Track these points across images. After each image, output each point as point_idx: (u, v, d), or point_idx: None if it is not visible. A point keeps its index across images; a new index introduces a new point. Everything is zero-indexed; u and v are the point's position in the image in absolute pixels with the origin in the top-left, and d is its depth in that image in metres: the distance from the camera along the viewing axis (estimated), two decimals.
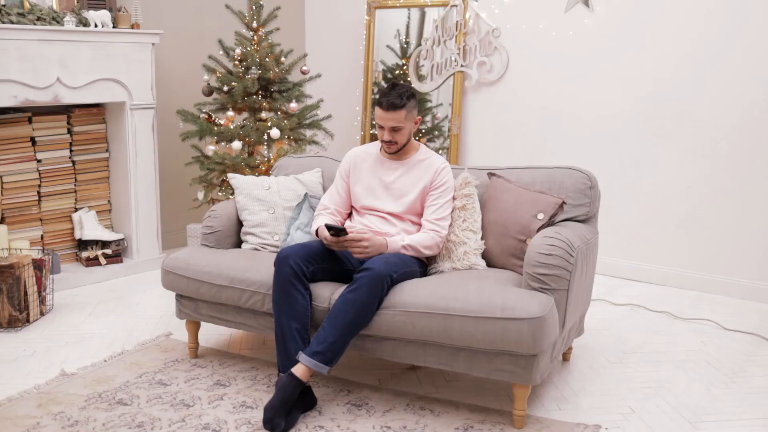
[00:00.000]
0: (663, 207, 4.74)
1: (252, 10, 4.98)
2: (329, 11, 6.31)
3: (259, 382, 3.26)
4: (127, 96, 4.82)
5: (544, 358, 2.84)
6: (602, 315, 4.19)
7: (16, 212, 4.61)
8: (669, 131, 4.67)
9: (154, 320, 4.07)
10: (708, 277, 4.59)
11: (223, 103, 4.99)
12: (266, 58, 4.91)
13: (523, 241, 3.13)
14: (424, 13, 5.70)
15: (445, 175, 3.30)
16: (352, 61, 6.13)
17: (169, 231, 5.46)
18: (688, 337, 3.88)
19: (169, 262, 3.46)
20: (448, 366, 2.92)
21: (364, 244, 3.08)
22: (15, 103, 4.32)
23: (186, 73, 5.48)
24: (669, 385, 3.29)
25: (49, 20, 4.44)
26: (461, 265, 3.22)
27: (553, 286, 2.85)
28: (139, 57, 4.83)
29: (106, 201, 5.07)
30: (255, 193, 3.65)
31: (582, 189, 3.30)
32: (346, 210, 3.47)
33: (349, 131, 6.09)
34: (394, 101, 3.17)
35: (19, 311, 3.90)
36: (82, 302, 4.36)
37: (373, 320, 2.94)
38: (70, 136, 4.83)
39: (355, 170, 3.44)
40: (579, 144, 5.05)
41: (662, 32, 4.64)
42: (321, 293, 3.06)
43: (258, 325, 3.30)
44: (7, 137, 4.51)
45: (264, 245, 3.58)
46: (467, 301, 2.81)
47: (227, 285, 3.27)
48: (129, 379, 3.27)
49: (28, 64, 4.31)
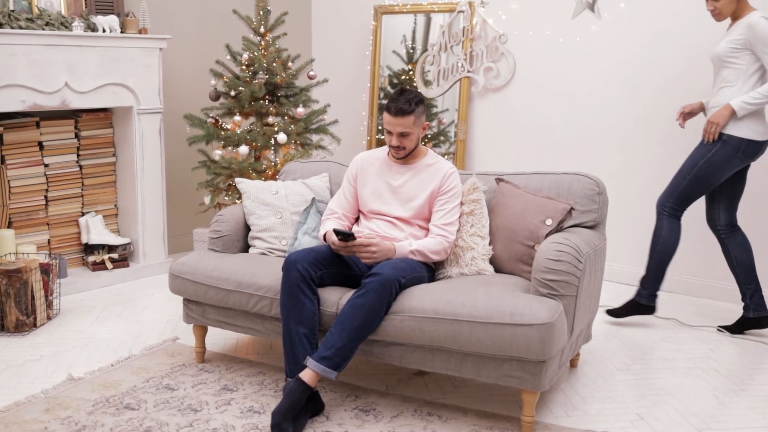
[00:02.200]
0: None
1: (259, 15, 4.99)
2: (336, 16, 6.32)
3: (267, 387, 3.25)
4: (134, 101, 4.83)
5: (552, 365, 2.84)
6: (609, 321, 4.18)
7: (23, 216, 4.61)
8: (676, 137, 4.66)
9: (161, 325, 4.07)
10: (715, 284, 4.57)
11: (230, 108, 4.99)
12: (273, 63, 4.92)
13: (531, 246, 3.13)
14: (430, 19, 5.71)
15: (453, 180, 3.30)
16: (359, 66, 6.14)
17: (175, 235, 5.47)
18: (696, 344, 3.87)
19: (176, 267, 3.46)
20: (456, 372, 2.91)
21: (372, 249, 3.07)
22: (23, 107, 4.33)
23: (193, 77, 5.49)
24: (677, 392, 3.28)
25: (58, 25, 4.45)
26: (469, 270, 3.22)
27: (562, 292, 2.84)
28: (147, 62, 4.84)
29: (113, 205, 5.07)
30: (262, 198, 3.65)
31: (590, 195, 3.29)
32: (354, 214, 3.47)
33: (355, 136, 6.10)
34: (402, 107, 3.18)
35: (27, 315, 3.90)
36: (88, 306, 4.37)
37: (381, 325, 2.93)
38: (77, 141, 4.84)
39: (362, 174, 3.44)
40: (586, 150, 5.05)
41: (669, 38, 4.64)
42: (329, 298, 3.06)
43: (265, 330, 3.29)
44: (15, 142, 4.52)
45: (271, 250, 3.58)
46: (475, 307, 2.81)
47: (235, 289, 3.27)
48: (136, 384, 3.27)
49: (36, 69, 4.32)
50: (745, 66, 3.76)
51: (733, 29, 3.83)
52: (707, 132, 3.82)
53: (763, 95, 3.68)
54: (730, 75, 3.81)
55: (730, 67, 3.80)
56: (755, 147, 3.81)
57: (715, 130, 3.79)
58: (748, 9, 3.79)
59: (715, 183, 3.90)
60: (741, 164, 3.87)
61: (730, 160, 3.82)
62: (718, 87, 3.88)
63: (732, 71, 3.80)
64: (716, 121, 3.78)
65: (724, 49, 3.80)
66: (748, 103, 3.70)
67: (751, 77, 3.77)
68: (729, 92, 3.81)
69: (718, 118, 3.77)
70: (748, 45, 3.72)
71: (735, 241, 4.03)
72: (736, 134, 3.77)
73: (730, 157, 3.81)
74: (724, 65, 3.83)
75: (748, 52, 3.74)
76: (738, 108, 3.71)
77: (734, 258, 4.04)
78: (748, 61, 3.75)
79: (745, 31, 3.72)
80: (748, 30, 3.71)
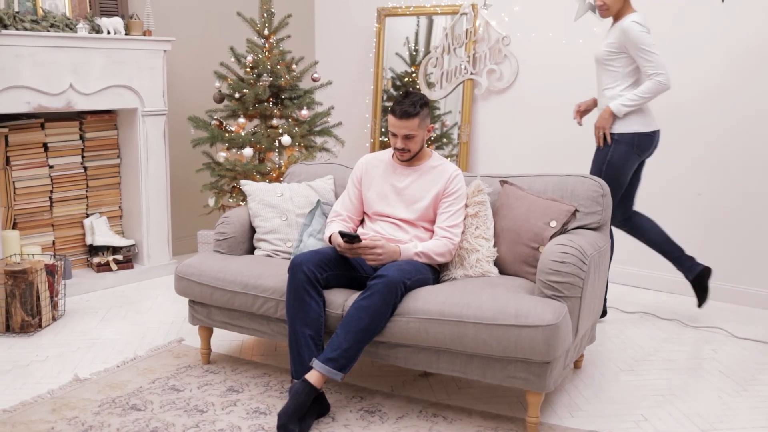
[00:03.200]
0: (673, 215, 4.74)
1: (263, 17, 5.01)
2: (339, 19, 6.34)
3: (272, 388, 3.27)
4: (138, 102, 4.84)
5: (557, 366, 2.85)
6: (613, 323, 4.19)
7: (28, 218, 4.63)
8: (679, 139, 4.68)
9: (166, 326, 4.09)
10: (718, 285, 4.58)
11: (234, 110, 5.01)
12: (277, 66, 4.94)
13: (535, 248, 3.14)
14: (433, 21, 5.73)
15: (458, 182, 3.32)
16: (362, 69, 6.15)
17: (179, 237, 5.48)
18: (699, 345, 3.88)
19: (182, 268, 3.48)
20: (461, 373, 2.92)
21: (377, 251, 3.09)
22: (28, 109, 4.35)
23: (197, 79, 5.51)
24: (680, 393, 3.30)
25: (63, 27, 4.47)
26: (474, 272, 3.23)
27: (566, 294, 2.86)
28: (151, 64, 4.86)
29: (117, 207, 5.09)
30: (268, 200, 3.66)
31: (594, 197, 3.31)
32: (359, 217, 3.49)
33: (359, 138, 6.11)
34: (407, 109, 3.19)
35: (32, 316, 3.92)
36: (93, 308, 4.38)
37: (386, 327, 2.95)
38: (82, 142, 4.86)
39: (367, 176, 3.45)
40: (589, 152, 5.05)
41: (671, 39, 4.65)
42: (334, 300, 3.07)
43: (271, 332, 3.31)
44: (20, 143, 4.54)
45: (277, 252, 3.59)
46: (480, 308, 2.82)
47: (240, 291, 3.28)
48: (142, 385, 3.28)
49: (41, 71, 4.34)
50: (621, 68, 3.92)
51: (610, 32, 3.96)
52: (596, 137, 3.98)
53: (639, 97, 3.84)
54: (608, 78, 3.97)
55: (609, 69, 3.95)
56: (648, 139, 3.96)
57: (602, 134, 3.94)
58: (629, 9, 3.92)
59: (624, 181, 4.02)
60: (639, 158, 4.01)
61: (628, 156, 3.95)
62: (601, 89, 4.04)
63: (611, 74, 3.95)
64: (600, 126, 3.95)
65: (602, 53, 3.95)
66: (625, 105, 3.86)
67: (629, 78, 3.93)
68: (610, 94, 3.96)
69: (601, 122, 3.94)
70: (623, 48, 3.86)
71: (639, 225, 4.20)
72: (627, 131, 3.92)
73: (627, 154, 3.95)
74: (603, 68, 3.98)
75: (624, 55, 3.89)
76: (617, 110, 3.87)
77: (649, 239, 4.20)
78: (624, 63, 3.90)
79: (619, 34, 3.87)
80: (621, 34, 3.85)
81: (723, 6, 4.44)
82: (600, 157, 4.01)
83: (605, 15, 3.96)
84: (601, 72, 4.01)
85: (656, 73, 3.81)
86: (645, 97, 3.84)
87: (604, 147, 3.97)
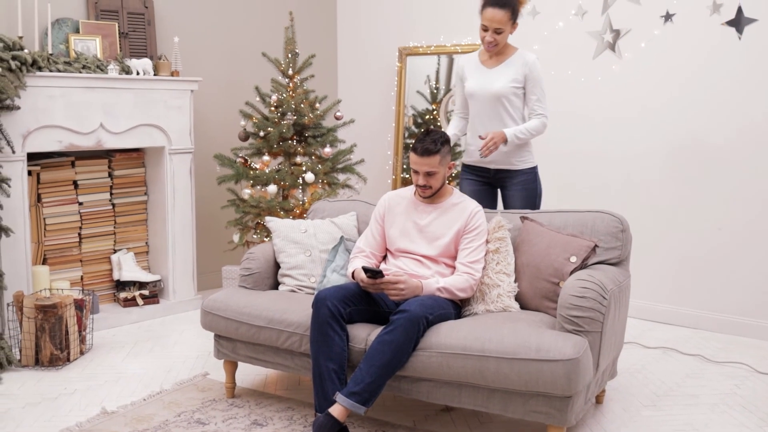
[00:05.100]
0: (694, 250, 4.76)
1: (288, 57, 5.12)
2: (361, 58, 6.45)
3: (296, 422, 3.31)
4: (166, 141, 4.96)
5: (578, 400, 2.87)
6: (635, 358, 4.19)
7: (57, 253, 4.74)
8: (698, 174, 4.71)
9: (191, 360, 4.15)
10: (740, 320, 4.58)
11: (258, 148, 5.10)
12: (301, 104, 5.04)
13: (556, 283, 3.18)
14: (453, 60, 5.82)
15: (479, 219, 3.37)
16: (384, 107, 6.25)
17: (204, 272, 5.56)
18: (722, 380, 3.87)
19: (208, 303, 3.54)
20: (483, 407, 2.95)
21: (400, 287, 3.14)
22: (60, 147, 4.47)
23: (223, 118, 5.63)
24: (703, 428, 3.29)
25: (94, 68, 4.60)
26: (495, 307, 3.27)
27: (587, 329, 2.89)
28: (179, 103, 4.98)
29: (144, 243, 5.18)
30: (292, 236, 3.73)
31: (613, 232, 3.34)
32: (381, 253, 3.54)
33: (381, 175, 6.19)
34: (428, 147, 3.26)
35: (60, 350, 3.99)
36: (120, 342, 4.45)
37: (408, 361, 2.98)
38: (110, 180, 4.97)
39: (389, 214, 3.51)
40: (609, 188, 5.10)
41: (689, 76, 4.70)
42: (358, 334, 3.12)
43: (295, 366, 3.35)
44: (51, 180, 4.66)
45: (301, 287, 3.65)
46: (502, 343, 2.86)
47: (265, 326, 3.34)
48: (168, 418, 3.33)
49: (73, 111, 4.47)
50: (520, 105, 3.97)
51: (506, 68, 3.93)
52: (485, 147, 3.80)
53: (529, 132, 3.91)
54: (507, 116, 3.95)
55: (511, 106, 3.94)
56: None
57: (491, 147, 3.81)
58: (511, 47, 3.98)
59: None
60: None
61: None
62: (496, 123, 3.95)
63: (513, 111, 3.95)
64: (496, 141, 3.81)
65: (506, 89, 3.91)
66: (518, 137, 3.88)
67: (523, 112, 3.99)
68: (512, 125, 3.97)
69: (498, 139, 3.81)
70: (524, 83, 3.92)
71: None
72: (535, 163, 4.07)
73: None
74: (502, 105, 3.93)
75: (523, 91, 3.94)
76: (510, 138, 3.86)
77: None
78: (523, 100, 3.96)
79: (522, 69, 3.91)
80: (525, 68, 3.91)
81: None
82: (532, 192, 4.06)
83: (494, 51, 3.93)
84: (499, 109, 3.94)
85: (544, 114, 3.92)
86: (532, 134, 3.91)
87: (533, 181, 4.05)
